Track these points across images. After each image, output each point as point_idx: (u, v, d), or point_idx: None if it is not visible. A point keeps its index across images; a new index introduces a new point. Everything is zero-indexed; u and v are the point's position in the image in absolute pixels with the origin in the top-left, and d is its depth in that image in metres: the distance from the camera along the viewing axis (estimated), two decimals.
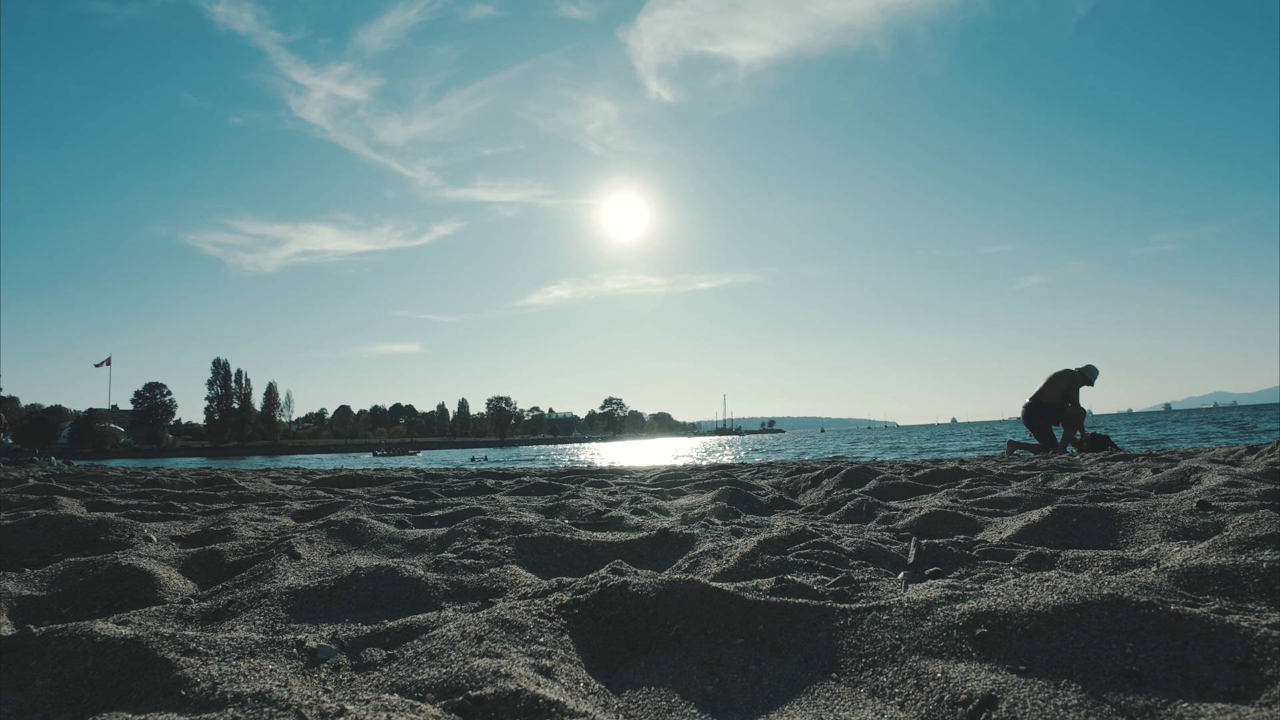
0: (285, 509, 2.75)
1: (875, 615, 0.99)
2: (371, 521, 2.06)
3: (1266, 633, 0.80)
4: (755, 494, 2.87)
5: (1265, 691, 0.73)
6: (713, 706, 0.90)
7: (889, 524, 1.97)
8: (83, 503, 2.84)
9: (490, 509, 2.41)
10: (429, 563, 1.50)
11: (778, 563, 1.39)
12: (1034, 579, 1.01)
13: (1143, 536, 1.57)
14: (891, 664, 0.89)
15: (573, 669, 0.93)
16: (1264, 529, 1.23)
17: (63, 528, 1.94)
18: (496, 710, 0.74)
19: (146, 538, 1.98)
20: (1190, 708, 0.71)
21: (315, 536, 1.86)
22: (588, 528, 2.14)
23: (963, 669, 0.84)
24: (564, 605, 1.11)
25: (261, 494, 3.58)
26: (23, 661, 0.90)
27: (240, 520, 2.29)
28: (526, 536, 1.75)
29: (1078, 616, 0.88)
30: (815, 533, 1.65)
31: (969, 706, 0.76)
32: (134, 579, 1.45)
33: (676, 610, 1.08)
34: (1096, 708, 0.73)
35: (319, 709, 0.73)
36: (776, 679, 0.94)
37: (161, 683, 0.82)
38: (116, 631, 0.93)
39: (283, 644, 0.98)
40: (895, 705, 0.82)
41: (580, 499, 2.81)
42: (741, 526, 2.01)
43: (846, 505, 2.31)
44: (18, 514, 2.12)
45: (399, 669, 0.89)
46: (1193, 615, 0.84)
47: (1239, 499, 1.85)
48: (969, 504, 2.18)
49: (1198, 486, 2.18)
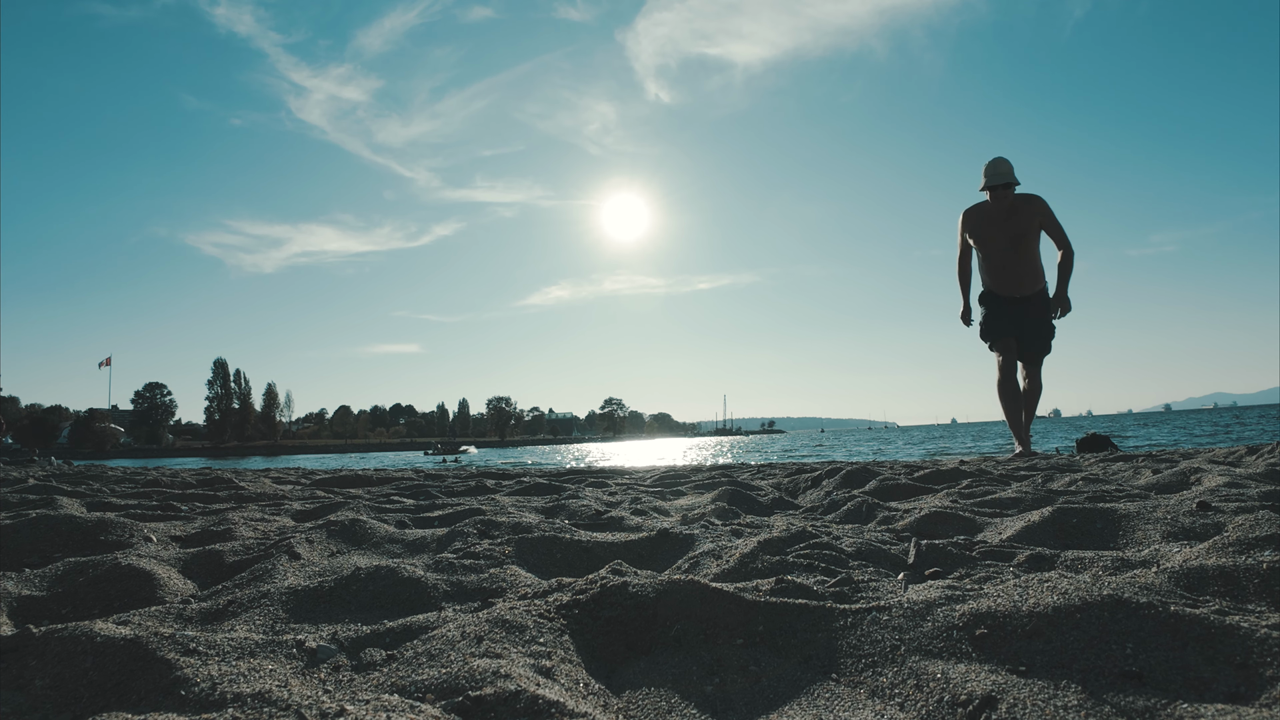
0: (285, 509, 2.75)
1: (875, 616, 0.99)
2: (371, 522, 2.06)
3: (1266, 633, 0.79)
4: (755, 494, 2.87)
5: (1265, 692, 0.73)
6: (713, 707, 0.90)
7: (889, 524, 1.97)
8: (83, 503, 2.84)
9: (490, 509, 2.41)
10: (429, 563, 1.49)
11: (778, 563, 1.39)
12: (1034, 580, 1.01)
13: (1143, 537, 1.56)
14: (891, 664, 0.89)
15: (573, 669, 0.93)
16: (1264, 529, 1.23)
17: (63, 528, 1.94)
18: (496, 710, 0.74)
19: (146, 538, 1.98)
20: (1190, 708, 0.71)
21: (315, 537, 1.86)
22: (588, 528, 2.14)
23: (963, 669, 0.84)
24: (564, 605, 1.11)
25: (261, 494, 3.58)
26: (23, 661, 0.90)
27: (240, 520, 2.29)
28: (526, 537, 1.74)
29: (1078, 617, 0.88)
30: (815, 533, 1.65)
31: (969, 707, 0.76)
32: (134, 579, 1.45)
33: (676, 610, 1.08)
34: (1096, 708, 0.73)
35: (319, 709, 0.73)
36: (776, 679, 0.94)
37: (161, 683, 0.82)
38: (116, 631, 0.93)
39: (283, 644, 0.98)
40: (895, 706, 0.82)
41: (580, 499, 2.81)
42: (741, 527, 2.01)
43: (846, 506, 2.31)
44: (18, 514, 2.12)
45: (399, 669, 0.89)
46: (1193, 616, 0.84)
47: (1239, 500, 1.85)
48: (969, 504, 2.18)
49: (1198, 487, 2.17)
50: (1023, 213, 5.51)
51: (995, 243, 5.61)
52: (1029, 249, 5.57)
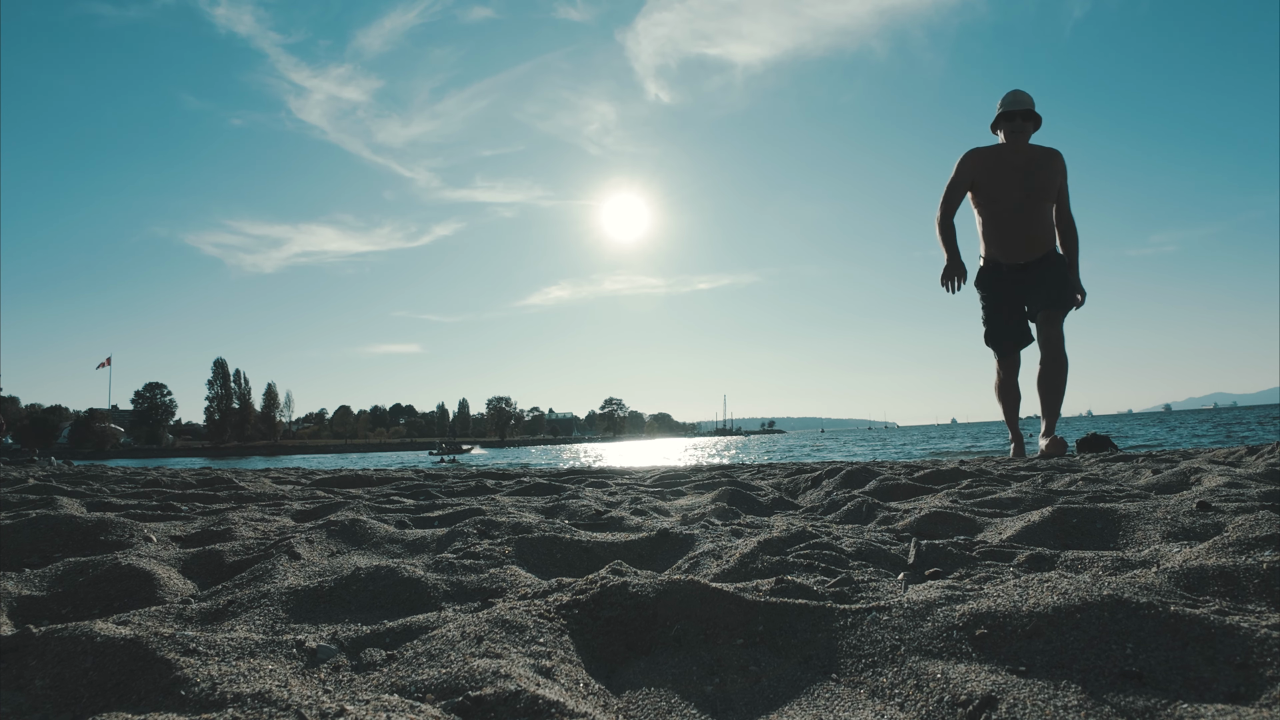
0: (285, 509, 2.75)
1: (875, 616, 0.99)
2: (371, 522, 2.06)
3: (1267, 633, 0.79)
4: (755, 494, 2.87)
5: (1265, 692, 0.73)
6: (713, 707, 0.90)
7: (889, 524, 1.97)
8: (83, 503, 2.84)
9: (490, 509, 2.41)
10: (429, 563, 1.49)
11: (778, 563, 1.39)
12: (1034, 580, 1.01)
13: (1143, 537, 1.56)
14: (891, 664, 0.89)
15: (572, 669, 0.93)
16: (1264, 530, 1.23)
17: (63, 528, 1.94)
18: (496, 710, 0.74)
19: (146, 538, 1.98)
20: (1190, 709, 0.71)
21: (315, 537, 1.86)
22: (588, 528, 2.13)
23: (963, 670, 0.84)
24: (564, 605, 1.11)
25: (261, 494, 3.58)
26: (23, 661, 0.90)
27: (240, 520, 2.29)
28: (526, 537, 1.74)
29: (1078, 617, 0.88)
30: (815, 533, 1.65)
31: (969, 707, 0.76)
32: (134, 579, 1.45)
33: (676, 611, 1.08)
34: (1096, 709, 0.73)
35: (319, 709, 0.73)
36: (776, 679, 0.93)
37: (161, 683, 0.82)
38: (116, 631, 0.93)
39: (283, 644, 0.98)
40: (895, 706, 0.82)
41: (580, 499, 2.81)
42: (741, 527, 2.01)
43: (846, 506, 2.31)
44: (18, 514, 2.12)
45: (399, 669, 0.89)
46: (1193, 616, 0.84)
47: (1239, 500, 1.85)
48: (969, 504, 2.18)
49: (1198, 487, 2.17)
50: (1047, 167, 4.57)
51: (1007, 194, 4.62)
52: (1045, 208, 4.65)
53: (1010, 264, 4.75)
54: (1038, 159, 4.62)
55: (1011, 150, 4.61)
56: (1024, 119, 4.56)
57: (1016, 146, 4.60)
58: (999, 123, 4.70)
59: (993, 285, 4.85)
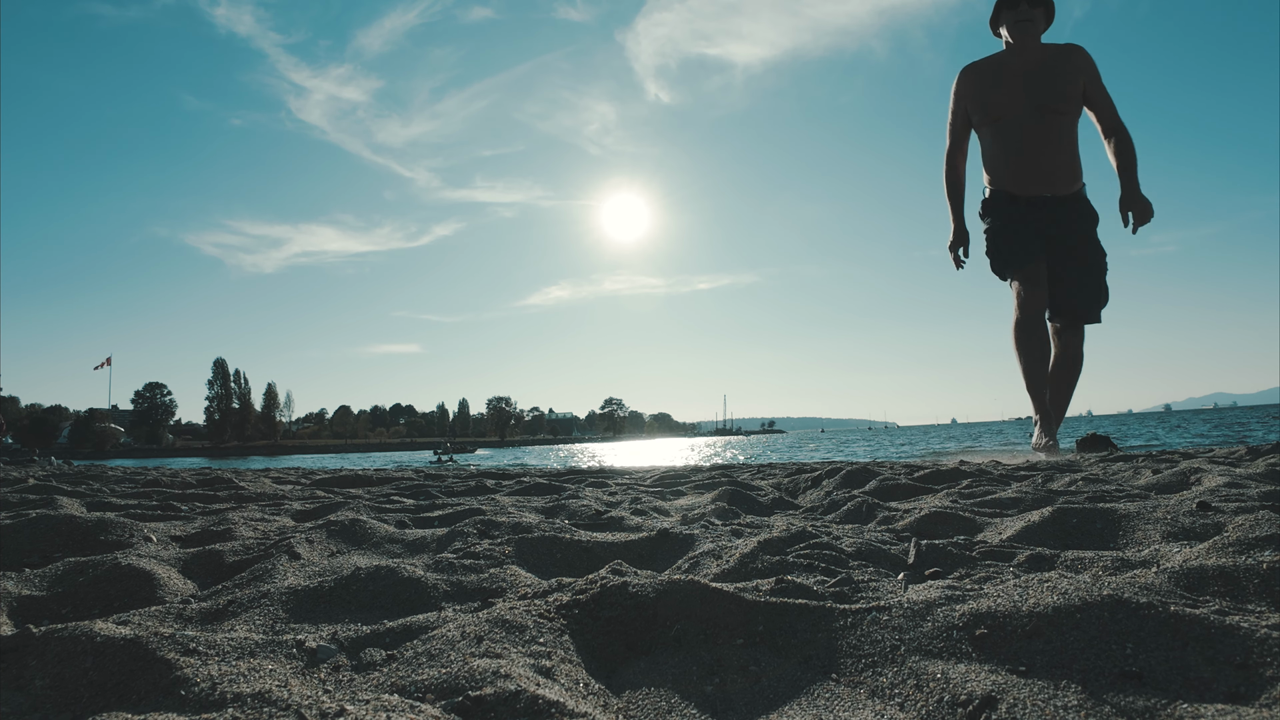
0: (285, 509, 2.75)
1: (875, 616, 0.99)
2: (371, 522, 2.06)
3: (1266, 633, 0.79)
4: (755, 494, 2.87)
5: (1265, 692, 0.73)
6: (713, 707, 0.90)
7: (889, 524, 1.97)
8: (83, 503, 2.84)
9: (490, 509, 2.41)
10: (429, 563, 1.49)
11: (778, 563, 1.39)
12: (1034, 580, 1.01)
13: (1143, 537, 1.56)
14: (891, 664, 0.89)
15: (572, 669, 0.93)
16: (1264, 530, 1.23)
17: (63, 528, 1.94)
18: (496, 710, 0.74)
19: (146, 538, 1.98)
20: (1190, 709, 0.71)
21: (315, 537, 1.86)
22: (588, 528, 2.13)
23: (963, 669, 0.84)
24: (564, 605, 1.11)
25: (261, 494, 3.58)
26: (23, 661, 0.90)
27: (240, 520, 2.29)
28: (526, 537, 1.74)
29: (1078, 617, 0.88)
30: (815, 533, 1.65)
31: (969, 707, 0.76)
32: (134, 579, 1.45)
33: (676, 611, 1.08)
34: (1096, 708, 0.73)
35: (319, 709, 0.73)
36: (776, 679, 0.93)
37: (161, 683, 0.82)
38: (116, 631, 0.93)
39: (282, 644, 0.98)
40: (895, 706, 0.82)
41: (580, 499, 2.81)
42: (741, 527, 2.01)
43: (846, 506, 2.31)
44: (18, 514, 2.12)
45: (399, 669, 0.89)
46: (1193, 616, 0.84)
47: (1239, 500, 1.85)
48: (969, 505, 2.18)
49: (1198, 487, 2.17)
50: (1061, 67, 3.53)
51: (1015, 110, 3.66)
52: (1067, 126, 3.65)
53: (1026, 196, 3.72)
54: (1049, 59, 3.58)
55: (1013, 52, 3.65)
56: (1030, 4, 3.51)
57: (1022, 45, 3.60)
58: (999, 13, 3.64)
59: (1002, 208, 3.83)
